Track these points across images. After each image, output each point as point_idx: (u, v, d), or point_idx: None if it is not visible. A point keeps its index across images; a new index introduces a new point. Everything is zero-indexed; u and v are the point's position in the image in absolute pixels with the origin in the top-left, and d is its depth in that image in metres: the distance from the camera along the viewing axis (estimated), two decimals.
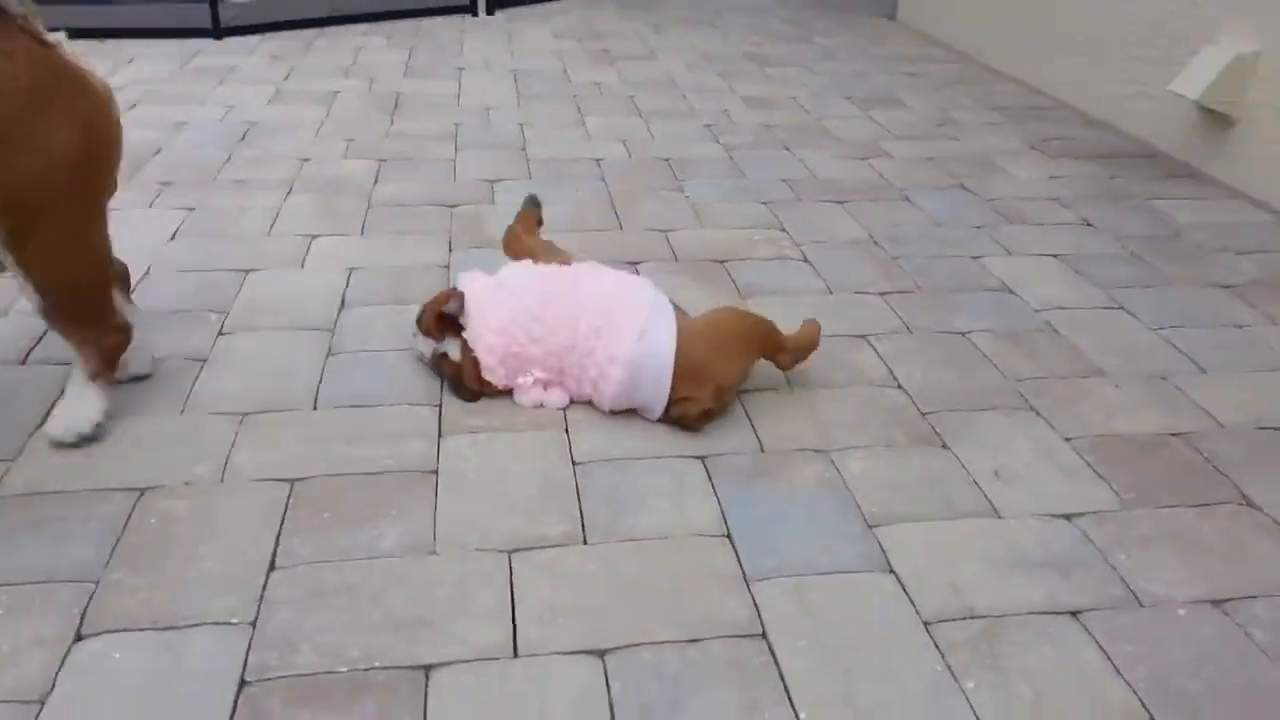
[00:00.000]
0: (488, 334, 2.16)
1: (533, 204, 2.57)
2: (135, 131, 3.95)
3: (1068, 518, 1.92)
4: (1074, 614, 1.69)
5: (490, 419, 2.18)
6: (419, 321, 2.29)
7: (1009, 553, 1.82)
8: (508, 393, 2.24)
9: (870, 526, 1.88)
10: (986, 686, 1.54)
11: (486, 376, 2.19)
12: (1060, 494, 1.99)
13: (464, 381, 2.23)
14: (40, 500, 1.88)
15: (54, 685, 1.49)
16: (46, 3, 5.64)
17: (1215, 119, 3.75)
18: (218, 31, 5.51)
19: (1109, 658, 1.60)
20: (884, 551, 1.82)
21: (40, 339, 2.42)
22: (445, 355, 2.25)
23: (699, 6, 6.99)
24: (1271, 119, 3.50)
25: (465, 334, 2.18)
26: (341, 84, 4.75)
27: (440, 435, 2.12)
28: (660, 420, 2.16)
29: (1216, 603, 1.72)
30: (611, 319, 2.13)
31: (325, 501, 1.91)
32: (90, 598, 1.65)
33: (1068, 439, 2.16)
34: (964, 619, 1.67)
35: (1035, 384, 2.37)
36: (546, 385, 2.21)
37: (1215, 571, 1.79)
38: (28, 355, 2.35)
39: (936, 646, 1.61)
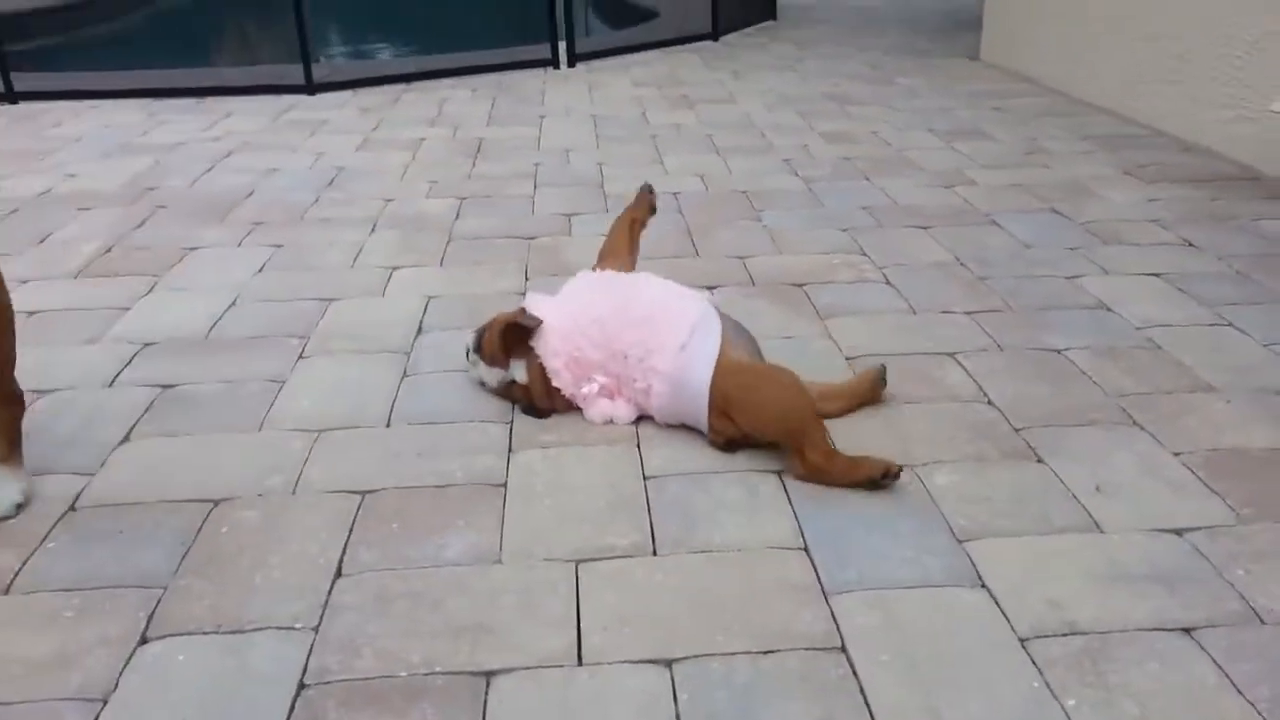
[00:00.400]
0: (552, 339, 2.14)
1: (648, 190, 2.54)
2: (228, 177, 4.10)
3: (1177, 533, 1.78)
4: (1186, 630, 1.55)
5: (561, 434, 2.14)
6: (478, 350, 2.27)
7: (1112, 568, 1.69)
8: (579, 410, 2.20)
9: (959, 541, 1.77)
10: (1089, 705, 1.41)
11: (555, 383, 2.16)
12: (1169, 509, 1.84)
13: (534, 401, 2.20)
14: (117, 511, 1.90)
15: (117, 685, 1.47)
16: (150, 67, 5.99)
17: None
18: (311, 87, 5.73)
19: (1227, 675, 1.45)
20: (974, 566, 1.70)
21: (128, 363, 2.48)
22: (514, 381, 2.23)
23: (780, 54, 7.01)
24: None
25: (532, 342, 2.16)
26: (427, 132, 4.86)
27: (511, 450, 2.09)
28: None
29: None
30: (655, 330, 2.09)
31: (394, 513, 1.88)
32: (157, 602, 1.65)
33: (1176, 454, 2.02)
34: (1063, 635, 1.54)
35: (1138, 399, 2.23)
36: (612, 395, 2.16)
37: None
38: (115, 378, 2.41)
39: (1033, 663, 1.49)
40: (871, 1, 9.79)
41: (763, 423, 2.01)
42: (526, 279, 2.98)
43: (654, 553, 1.76)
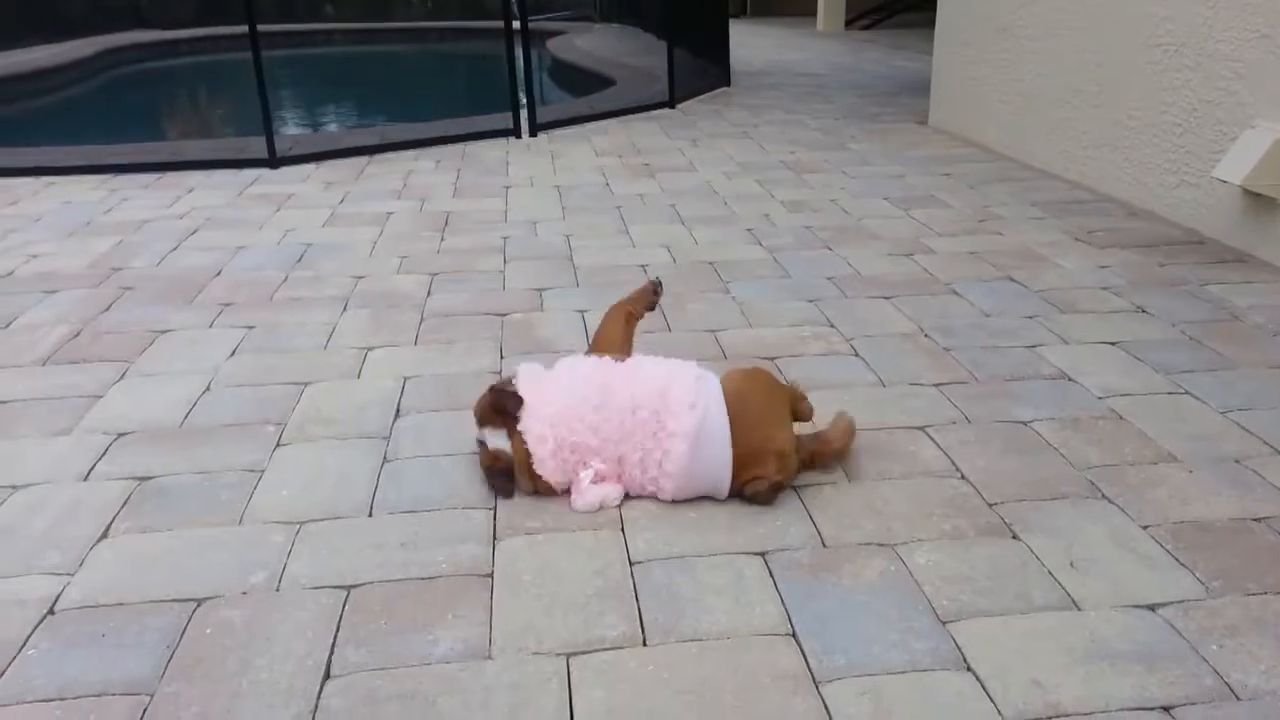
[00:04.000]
0: (537, 424, 2.17)
1: (655, 287, 2.62)
2: (195, 256, 4.09)
3: (1151, 608, 1.83)
4: (1166, 709, 1.59)
5: (545, 521, 2.15)
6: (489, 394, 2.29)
7: (1092, 646, 1.73)
8: (562, 495, 2.22)
9: (943, 622, 1.81)
10: None
11: (538, 470, 2.17)
12: (1141, 584, 1.90)
13: (509, 472, 2.23)
14: (97, 613, 1.87)
15: None
16: (113, 142, 5.97)
17: (1262, 203, 3.72)
18: (274, 161, 5.74)
19: None
20: (959, 648, 1.74)
21: (103, 454, 2.46)
22: (483, 444, 2.27)
23: (736, 121, 7.17)
24: None
25: (520, 426, 2.18)
26: (393, 205, 4.90)
27: (495, 538, 2.09)
28: (731, 496, 2.16)
29: None
30: (666, 398, 2.15)
31: (380, 608, 1.88)
32: (144, 711, 1.63)
33: (1145, 526, 2.08)
34: (1050, 718, 1.58)
35: (1105, 471, 2.30)
36: (601, 480, 2.18)
37: None
38: (90, 472, 2.38)
39: None
40: (819, 69, 10.07)
41: (783, 411, 2.22)
42: (502, 357, 3.01)
43: (644, 643, 1.77)
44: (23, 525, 2.16)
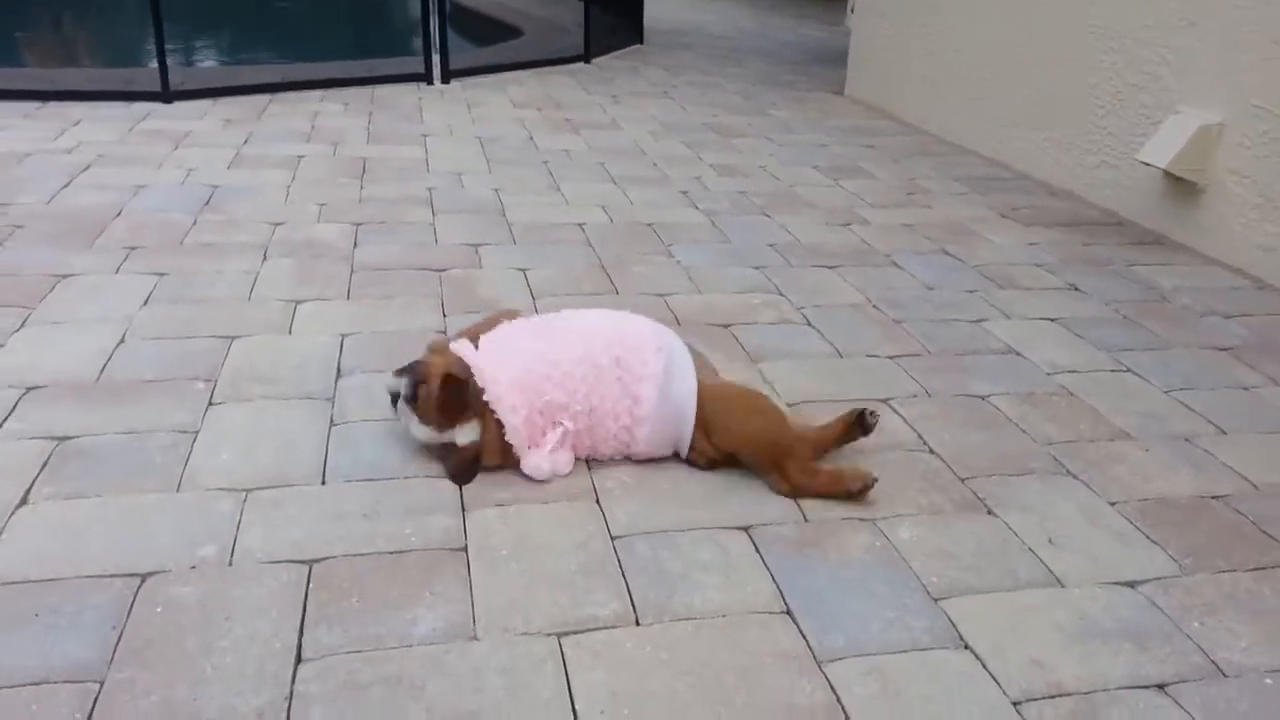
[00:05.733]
0: (508, 394, 2.03)
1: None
2: (90, 194, 3.77)
3: (1131, 585, 1.85)
4: (1160, 687, 1.61)
5: (516, 491, 2.04)
6: (411, 400, 2.07)
7: (1081, 624, 1.74)
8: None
9: (935, 599, 1.79)
10: None
11: (510, 439, 2.05)
12: (1119, 560, 1.92)
13: (483, 460, 2.07)
14: (26, 590, 1.68)
15: None
16: None
17: (1181, 187, 3.85)
18: (167, 95, 5.34)
19: None
20: (954, 625, 1.72)
21: (12, 410, 2.22)
22: (453, 444, 2.07)
23: (653, 80, 7.04)
24: (1238, 186, 3.60)
25: (486, 397, 2.04)
26: (303, 148, 4.62)
27: (464, 509, 1.98)
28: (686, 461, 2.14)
29: None
30: (624, 343, 2.09)
31: (349, 584, 1.74)
32: (95, 701, 1.46)
33: (1112, 503, 2.11)
34: (1053, 697, 1.57)
35: (1065, 447, 2.33)
36: (567, 444, 2.08)
37: None
38: None
39: None
40: (727, 32, 10.00)
41: (745, 444, 2.08)
42: (445, 316, 2.86)
43: (637, 622, 1.70)
44: None
